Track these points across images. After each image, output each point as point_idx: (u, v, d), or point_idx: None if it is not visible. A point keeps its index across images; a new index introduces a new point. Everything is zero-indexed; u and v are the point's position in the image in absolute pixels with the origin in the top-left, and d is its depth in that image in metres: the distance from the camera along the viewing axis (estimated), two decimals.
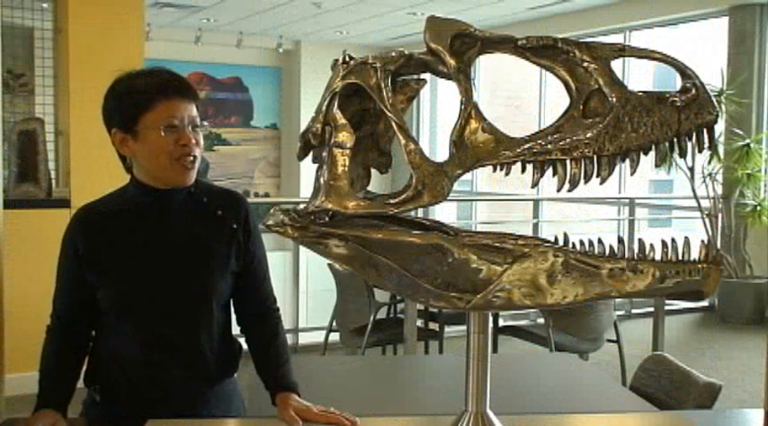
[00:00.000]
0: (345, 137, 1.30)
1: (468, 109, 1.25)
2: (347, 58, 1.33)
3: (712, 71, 7.29)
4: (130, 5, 4.78)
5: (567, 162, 1.23)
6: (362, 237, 1.29)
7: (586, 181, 1.25)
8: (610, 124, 1.20)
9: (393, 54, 1.31)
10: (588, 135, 1.21)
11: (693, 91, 1.21)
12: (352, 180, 1.33)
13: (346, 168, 1.29)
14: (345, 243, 1.30)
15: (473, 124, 1.25)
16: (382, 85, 1.29)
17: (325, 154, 1.32)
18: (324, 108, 1.31)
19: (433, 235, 1.29)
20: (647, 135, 1.20)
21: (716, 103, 1.23)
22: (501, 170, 1.25)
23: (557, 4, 9.00)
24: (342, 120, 1.30)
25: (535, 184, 1.28)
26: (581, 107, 1.22)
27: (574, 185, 1.24)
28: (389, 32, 11.06)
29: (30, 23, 5.00)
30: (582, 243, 1.27)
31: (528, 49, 1.25)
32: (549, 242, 1.29)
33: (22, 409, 1.76)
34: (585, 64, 1.21)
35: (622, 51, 1.23)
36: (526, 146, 1.23)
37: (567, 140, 1.22)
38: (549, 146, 1.23)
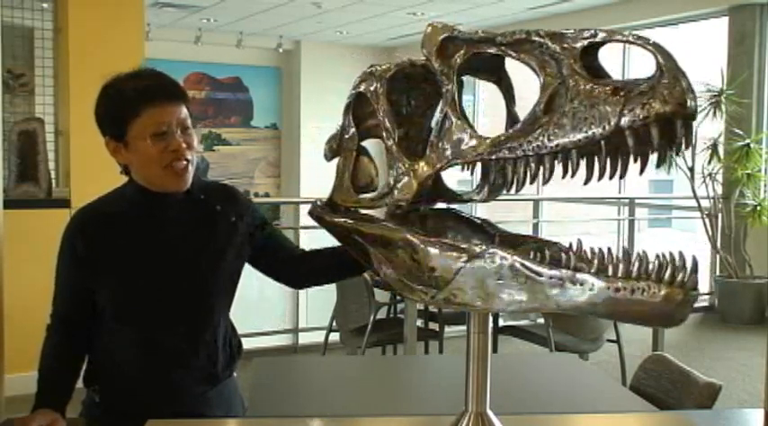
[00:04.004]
0: (352, 141, 1.42)
1: (444, 109, 1.25)
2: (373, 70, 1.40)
3: (712, 71, 7.28)
4: (130, 5, 4.77)
5: (513, 162, 1.17)
6: (357, 230, 1.40)
7: (531, 183, 1.18)
8: (553, 120, 1.12)
9: (394, 62, 1.38)
10: (534, 133, 1.14)
11: (658, 76, 1.04)
12: (358, 177, 1.44)
13: (350, 167, 1.41)
14: (348, 232, 1.43)
15: (446, 125, 1.24)
16: (379, 92, 1.35)
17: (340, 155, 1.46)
18: (342, 116, 1.44)
19: (403, 229, 1.31)
20: (583, 131, 1.08)
21: (685, 91, 1.01)
22: (467, 169, 1.26)
23: (557, 4, 9.00)
24: (351, 127, 1.41)
25: (491, 184, 1.27)
26: (543, 102, 1.14)
27: (518, 186, 1.21)
28: (389, 32, 11.06)
29: (30, 23, 5.00)
30: (570, 246, 1.19)
31: (506, 45, 1.20)
32: (532, 240, 1.28)
33: (22, 409, 1.75)
34: (557, 55, 1.13)
35: (594, 37, 1.12)
36: (487, 145, 1.20)
37: (518, 139, 1.16)
38: (502, 146, 1.18)
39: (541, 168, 1.14)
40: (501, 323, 4.78)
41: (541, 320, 4.39)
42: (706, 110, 6.87)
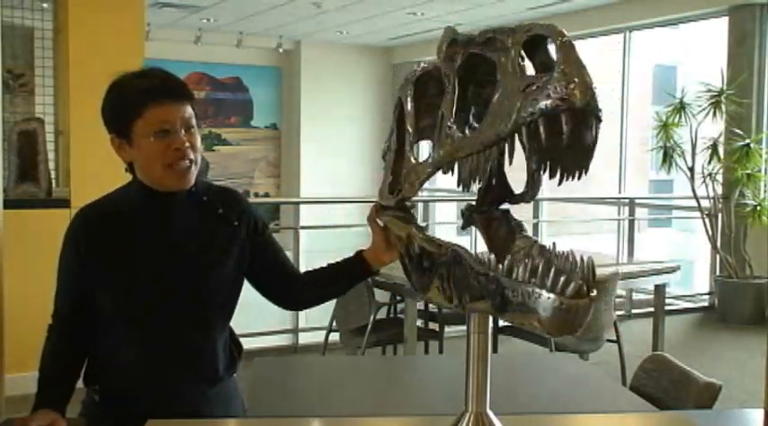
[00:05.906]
0: (392, 143, 1.46)
1: (442, 110, 1.26)
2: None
3: (712, 71, 7.28)
4: (130, 5, 4.77)
5: (465, 160, 1.17)
6: (390, 225, 1.49)
7: (473, 181, 1.19)
8: (488, 119, 1.10)
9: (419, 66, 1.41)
10: (476, 132, 1.14)
11: (553, 71, 1.00)
12: (396, 177, 1.46)
13: (391, 168, 1.46)
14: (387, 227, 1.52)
15: (443, 125, 1.26)
16: (407, 95, 1.39)
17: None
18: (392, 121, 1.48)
19: (411, 225, 1.38)
20: (494, 128, 1.07)
21: (575, 85, 0.98)
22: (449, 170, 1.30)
23: (556, 4, 9.00)
24: (393, 130, 1.45)
25: (458, 184, 1.28)
26: (495, 100, 1.12)
27: (466, 185, 1.21)
28: (389, 32, 11.05)
29: (30, 23, 5.00)
30: (546, 247, 1.17)
31: (481, 45, 1.19)
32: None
33: (22, 409, 1.76)
34: (507, 52, 1.11)
35: (529, 31, 1.08)
36: (463, 144, 1.20)
37: (473, 138, 1.16)
38: (465, 144, 1.18)
39: (477, 165, 1.14)
40: (501, 323, 4.78)
41: None
42: (706, 110, 6.87)
